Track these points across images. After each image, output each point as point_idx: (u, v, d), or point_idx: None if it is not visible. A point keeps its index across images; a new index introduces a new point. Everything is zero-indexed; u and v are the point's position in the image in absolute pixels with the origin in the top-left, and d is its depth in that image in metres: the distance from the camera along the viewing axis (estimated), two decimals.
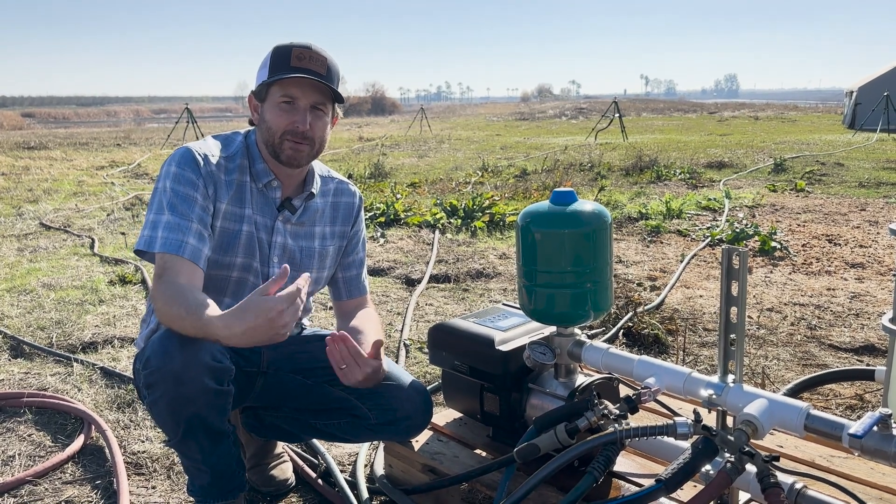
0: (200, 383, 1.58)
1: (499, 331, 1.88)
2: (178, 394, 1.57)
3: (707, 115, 34.26)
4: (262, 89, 1.80)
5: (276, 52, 1.78)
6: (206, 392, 1.59)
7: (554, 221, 1.67)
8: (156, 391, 1.59)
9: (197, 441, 1.66)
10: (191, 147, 1.79)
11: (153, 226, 1.71)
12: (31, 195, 9.02)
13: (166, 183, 1.73)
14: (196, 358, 1.57)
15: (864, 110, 19.95)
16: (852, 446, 1.29)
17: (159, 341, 1.59)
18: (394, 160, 13.25)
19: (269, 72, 1.77)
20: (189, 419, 1.61)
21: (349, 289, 2.08)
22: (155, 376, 1.57)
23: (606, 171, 10.46)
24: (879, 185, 8.61)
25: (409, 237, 6.01)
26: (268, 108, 1.80)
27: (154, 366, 1.57)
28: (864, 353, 3.19)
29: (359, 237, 2.08)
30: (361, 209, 2.08)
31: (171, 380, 1.56)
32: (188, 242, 1.69)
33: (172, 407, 1.59)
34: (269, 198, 1.86)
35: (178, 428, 1.63)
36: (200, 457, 1.69)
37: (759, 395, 1.42)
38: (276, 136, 1.78)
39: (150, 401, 1.62)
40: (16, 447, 2.42)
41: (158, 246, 1.68)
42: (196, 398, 1.59)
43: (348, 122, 36.18)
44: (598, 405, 1.53)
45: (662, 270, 4.74)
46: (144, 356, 1.62)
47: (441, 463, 1.89)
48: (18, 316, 3.92)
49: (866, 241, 5.53)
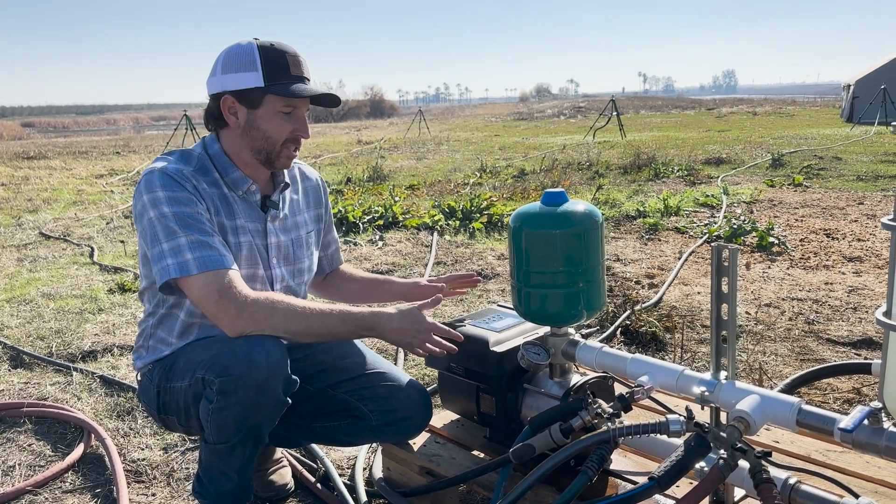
0: (276, 394, 1.62)
1: (493, 332, 1.89)
2: (257, 402, 1.59)
3: (705, 111, 34.22)
4: (256, 95, 1.71)
5: (267, 55, 1.69)
6: (278, 403, 1.64)
7: (545, 222, 1.68)
8: (230, 397, 1.58)
9: (244, 449, 1.68)
10: (161, 169, 1.68)
11: (174, 252, 1.61)
12: (30, 205, 9.03)
13: (162, 209, 1.63)
14: (281, 368, 1.60)
15: (861, 103, 19.93)
16: (843, 440, 1.30)
17: (242, 350, 1.57)
18: (392, 163, 13.26)
19: (265, 78, 1.69)
20: (251, 428, 1.64)
21: (331, 262, 2.20)
22: (236, 383, 1.57)
23: (604, 169, 10.46)
24: (877, 179, 8.61)
25: (407, 240, 6.02)
26: (264, 117, 1.73)
27: (237, 373, 1.56)
28: (861, 347, 3.19)
29: (330, 215, 2.15)
30: (326, 189, 2.12)
31: (253, 388, 1.57)
32: (225, 255, 1.64)
33: (244, 414, 1.61)
34: (252, 202, 1.85)
35: (236, 435, 1.64)
36: (238, 464, 1.70)
37: (751, 391, 1.42)
38: (277, 145, 1.76)
39: (219, 406, 1.60)
40: (16, 457, 2.43)
41: (195, 267, 1.60)
42: (269, 408, 1.63)
43: (347, 125, 36.19)
44: (592, 404, 1.54)
45: (660, 268, 4.74)
46: (219, 363, 1.58)
47: (438, 465, 1.90)
48: (18, 326, 3.93)
49: (864, 234, 5.53)
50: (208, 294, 1.60)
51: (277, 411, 1.67)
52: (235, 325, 1.60)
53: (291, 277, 1.93)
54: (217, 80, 1.74)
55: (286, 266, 1.91)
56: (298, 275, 1.95)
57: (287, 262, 1.91)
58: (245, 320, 1.59)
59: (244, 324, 1.60)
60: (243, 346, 1.59)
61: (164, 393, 1.77)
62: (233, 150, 1.80)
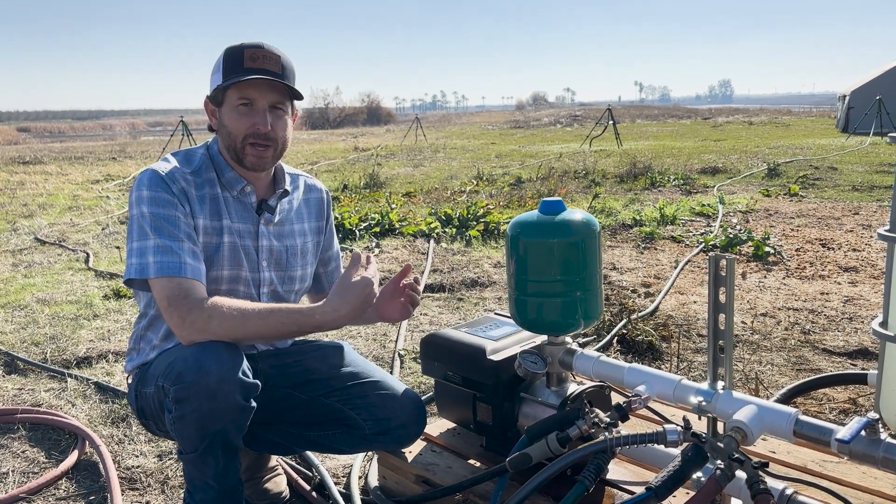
0: (233, 399, 1.59)
1: (490, 340, 1.88)
2: (211, 409, 1.58)
3: (701, 120, 34.38)
4: (218, 93, 1.76)
5: (228, 53, 1.74)
6: (236, 408, 1.61)
7: (543, 231, 1.68)
8: (186, 406, 1.58)
9: (215, 457, 1.66)
10: (155, 168, 1.74)
11: (140, 253, 1.66)
12: (26, 210, 9.01)
13: (142, 208, 1.68)
14: (231, 373, 1.58)
15: (857, 114, 20.05)
16: (840, 451, 1.30)
17: (193, 357, 1.57)
18: (389, 170, 13.27)
19: (223, 75, 1.73)
20: (214, 435, 1.62)
21: (330, 280, 2.12)
22: (189, 391, 1.56)
23: (601, 178, 10.49)
24: (873, 189, 8.64)
25: (403, 247, 6.02)
26: (226, 113, 1.76)
27: (188, 380, 1.56)
28: (857, 357, 3.20)
29: (332, 230, 2.12)
30: (331, 203, 2.11)
31: (205, 395, 1.56)
32: (186, 262, 1.66)
33: (202, 422, 1.59)
34: (247, 203, 1.85)
35: (201, 443, 1.63)
36: (213, 472, 1.69)
37: (748, 402, 1.43)
38: (238, 141, 1.75)
39: (177, 415, 1.60)
40: (10, 464, 2.41)
41: (153, 272, 1.63)
42: (226, 414, 1.60)
43: (343, 132, 36.23)
44: (589, 414, 1.54)
45: (656, 277, 4.75)
46: (173, 371, 1.59)
47: (434, 474, 1.89)
48: (12, 332, 3.91)
49: (860, 244, 5.55)
50: (160, 300, 1.64)
51: (240, 416, 1.63)
52: (182, 334, 1.62)
53: (280, 283, 1.92)
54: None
55: (276, 271, 1.90)
56: (289, 282, 1.94)
57: (278, 267, 1.91)
58: (188, 328, 1.61)
59: (188, 332, 1.61)
60: (193, 354, 1.59)
61: (140, 398, 1.78)
62: (222, 151, 1.84)
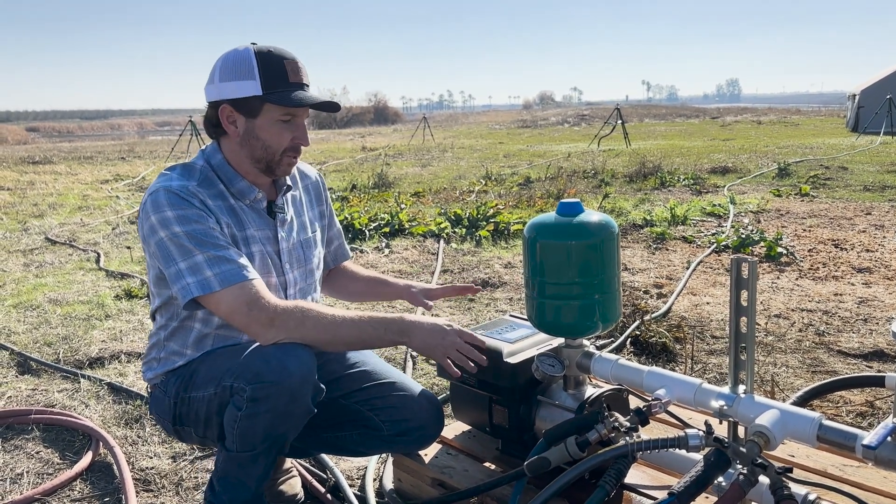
0: (306, 402, 1.62)
1: (507, 343, 1.87)
2: (287, 410, 1.59)
3: (710, 119, 34.25)
4: (255, 105, 1.69)
5: (265, 62, 1.66)
6: (307, 411, 1.64)
7: (560, 233, 1.67)
8: (262, 405, 1.58)
9: (268, 458, 1.68)
10: (166, 188, 1.65)
11: (192, 271, 1.60)
12: (36, 210, 9.05)
13: (174, 229, 1.62)
14: (312, 375, 1.61)
15: (867, 113, 19.93)
16: (866, 457, 1.28)
17: (274, 357, 1.58)
18: (397, 170, 13.26)
19: (263, 86, 1.66)
20: (279, 436, 1.64)
21: (335, 258, 2.18)
22: (269, 390, 1.56)
23: (610, 177, 10.46)
24: (884, 189, 8.59)
25: (413, 247, 6.01)
26: (263, 126, 1.71)
27: (270, 380, 1.56)
28: (873, 359, 3.17)
29: (331, 210, 2.14)
30: (325, 184, 2.11)
31: (286, 395, 1.58)
32: (245, 266, 1.64)
33: (274, 422, 1.60)
34: (260, 210, 1.84)
35: (262, 443, 1.64)
36: (258, 474, 1.69)
37: (770, 406, 1.41)
38: (277, 154, 1.75)
39: (248, 413, 1.59)
40: (24, 465, 2.42)
41: (217, 284, 1.59)
42: (297, 416, 1.63)
43: (351, 131, 36.27)
44: (609, 417, 1.53)
45: (668, 277, 4.73)
46: (250, 370, 1.58)
47: (451, 477, 1.88)
48: (25, 332, 3.92)
49: (873, 245, 5.51)
50: (237, 308, 1.60)
51: (304, 420, 1.67)
52: (268, 335, 1.61)
53: (304, 279, 1.93)
54: (215, 88, 1.72)
55: (298, 269, 1.91)
56: (309, 275, 1.95)
57: (299, 264, 1.91)
58: (277, 329, 1.60)
59: (276, 333, 1.60)
60: (275, 354, 1.59)
61: (182, 403, 1.76)
62: (234, 160, 1.79)
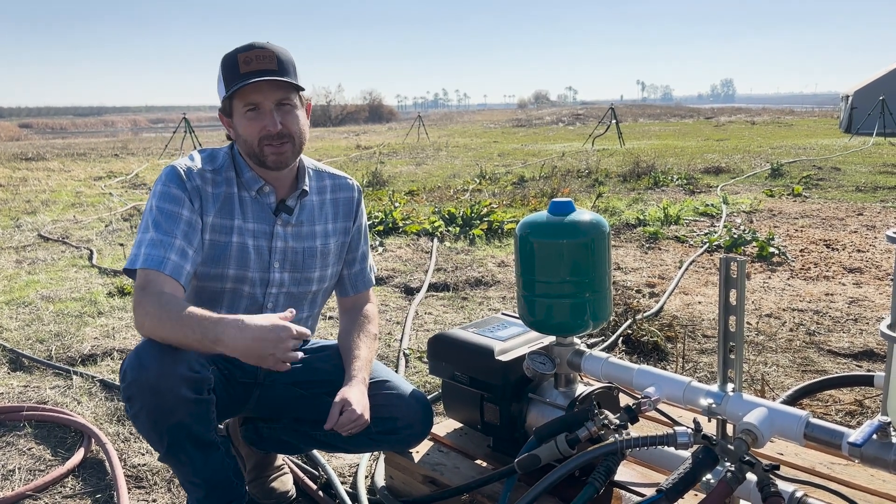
0: (177, 394, 1.58)
1: (498, 341, 1.88)
2: (156, 405, 1.58)
3: (704, 120, 34.33)
4: (226, 105, 1.80)
5: (225, 63, 1.77)
6: (185, 402, 1.60)
7: (552, 232, 1.68)
8: (135, 404, 1.60)
9: (184, 453, 1.66)
10: (176, 164, 1.80)
11: (138, 244, 1.73)
12: (29, 206, 9.01)
13: (153, 202, 1.76)
14: (172, 368, 1.58)
15: (860, 114, 20.01)
16: (852, 454, 1.30)
17: (135, 354, 1.61)
18: (392, 168, 13.26)
19: (225, 86, 1.77)
20: (171, 430, 1.62)
21: (354, 283, 2.08)
22: (132, 389, 1.59)
23: (604, 177, 10.48)
24: (876, 190, 8.63)
25: (407, 245, 6.01)
26: (237, 121, 1.80)
27: (130, 378, 1.59)
28: (863, 359, 3.19)
29: (361, 230, 2.07)
30: (361, 201, 2.07)
31: (147, 391, 1.57)
32: (169, 258, 1.70)
33: (152, 419, 1.61)
34: (265, 204, 1.86)
35: (162, 440, 1.64)
36: (191, 469, 1.69)
37: (758, 404, 1.42)
38: (255, 146, 1.78)
39: (132, 414, 1.63)
40: (16, 461, 2.41)
41: (140, 262, 1.70)
42: (175, 409, 1.60)
43: (345, 129, 36.24)
44: (599, 415, 1.54)
45: (661, 277, 4.75)
46: (122, 370, 1.63)
47: (442, 474, 1.89)
48: (17, 329, 3.91)
49: (864, 245, 5.54)
50: (136, 290, 1.69)
51: (196, 408, 1.61)
52: (137, 323, 1.66)
53: (295, 285, 1.92)
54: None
55: (291, 272, 1.90)
56: (305, 283, 1.93)
57: (294, 269, 1.90)
58: (138, 324, 1.65)
59: (136, 325, 1.66)
60: (138, 349, 1.62)
61: None
62: (243, 155, 1.87)
